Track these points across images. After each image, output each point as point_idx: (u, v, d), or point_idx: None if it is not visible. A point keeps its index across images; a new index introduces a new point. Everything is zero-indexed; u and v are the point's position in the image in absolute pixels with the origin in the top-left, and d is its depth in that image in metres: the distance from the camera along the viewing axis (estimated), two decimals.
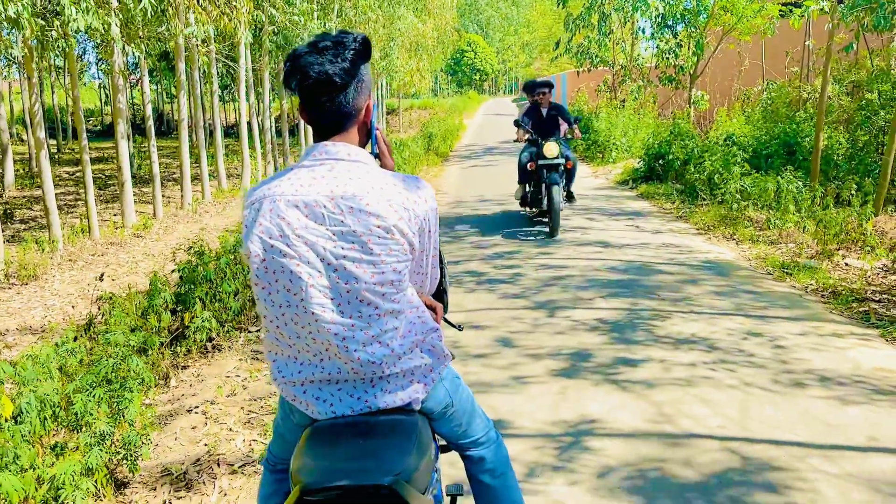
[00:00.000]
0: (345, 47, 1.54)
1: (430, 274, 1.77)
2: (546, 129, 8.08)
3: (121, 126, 9.80)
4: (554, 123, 8.15)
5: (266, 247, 1.55)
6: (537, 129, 8.04)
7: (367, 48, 1.59)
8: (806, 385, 3.74)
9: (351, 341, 1.55)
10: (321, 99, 1.55)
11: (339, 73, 1.53)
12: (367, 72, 1.62)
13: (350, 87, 1.56)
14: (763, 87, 15.40)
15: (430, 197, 1.62)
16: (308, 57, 1.54)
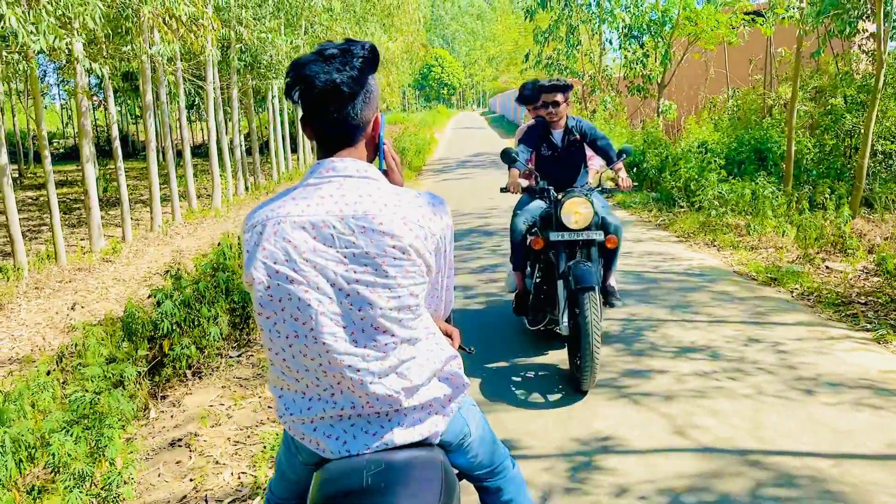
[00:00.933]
0: (352, 55, 1.44)
1: (444, 297, 1.66)
2: (563, 168, 4.57)
3: (86, 148, 9.53)
4: (576, 157, 4.61)
5: (271, 273, 1.43)
6: (547, 170, 4.55)
7: (376, 57, 1.49)
8: (816, 392, 3.69)
9: (366, 373, 1.42)
10: (328, 109, 1.44)
11: (347, 81, 1.42)
12: (376, 83, 1.51)
13: (358, 98, 1.45)
14: (728, 95, 15.64)
15: (446, 213, 1.52)
16: (314, 65, 1.43)
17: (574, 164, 4.59)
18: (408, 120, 40.61)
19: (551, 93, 4.38)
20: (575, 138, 4.49)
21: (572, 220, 3.92)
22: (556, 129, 4.51)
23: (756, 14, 14.12)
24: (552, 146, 4.53)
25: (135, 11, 8.97)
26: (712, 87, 17.56)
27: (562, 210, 3.93)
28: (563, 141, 4.51)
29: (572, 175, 4.58)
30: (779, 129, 11.07)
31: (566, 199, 3.94)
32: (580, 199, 3.92)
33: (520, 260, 4.49)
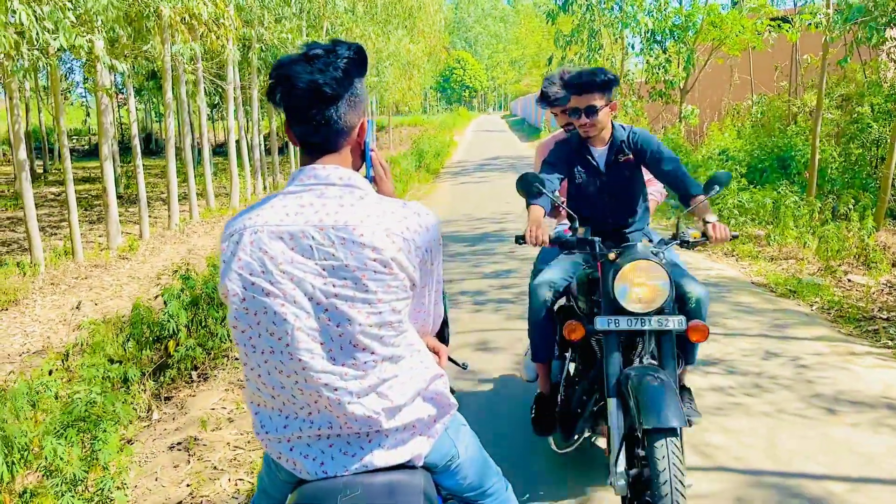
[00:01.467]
0: (337, 56, 1.37)
1: (432, 312, 1.58)
2: (610, 203, 3.10)
3: (105, 146, 9.60)
4: (630, 187, 3.10)
5: (246, 284, 1.36)
6: (585, 207, 3.05)
7: (362, 59, 1.41)
8: (836, 411, 3.56)
9: (344, 393, 1.35)
10: (310, 112, 1.37)
11: (329, 82, 1.35)
12: (362, 86, 1.43)
13: (342, 101, 1.38)
14: (753, 102, 15.40)
15: (432, 224, 1.44)
16: (296, 66, 1.36)
17: (627, 198, 3.04)
18: (428, 122, 40.62)
19: (583, 94, 2.84)
20: (627, 158, 2.97)
21: (634, 298, 2.43)
22: (598, 144, 2.99)
23: (782, 20, 13.89)
24: (592, 170, 3.01)
25: (155, 11, 9.02)
26: (736, 93, 17.30)
27: (616, 280, 2.43)
28: (610, 162, 2.99)
29: (623, 213, 3.05)
30: (803, 137, 10.86)
31: (624, 261, 2.44)
32: (646, 262, 2.42)
33: (543, 348, 3.00)
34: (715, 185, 2.66)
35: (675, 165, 2.90)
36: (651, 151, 2.94)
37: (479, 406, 3.77)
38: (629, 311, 2.43)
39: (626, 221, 3.09)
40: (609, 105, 2.90)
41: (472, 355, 4.60)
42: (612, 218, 3.06)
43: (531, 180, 2.72)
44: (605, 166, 3.02)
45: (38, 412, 3.26)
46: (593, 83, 2.83)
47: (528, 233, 2.68)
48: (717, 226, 2.64)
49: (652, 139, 2.98)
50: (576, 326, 2.60)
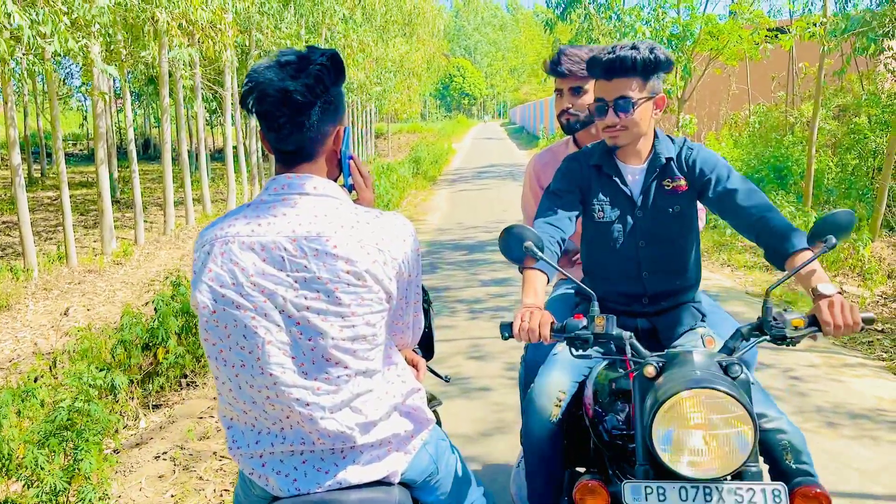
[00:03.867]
0: (309, 62, 1.34)
1: (412, 325, 1.55)
2: (647, 255, 2.02)
3: (100, 150, 9.58)
4: (680, 232, 2.02)
5: (216, 297, 1.33)
6: (610, 262, 2.06)
7: (338, 66, 1.39)
8: (836, 425, 3.52)
9: (316, 408, 1.32)
10: (280, 120, 1.35)
11: (300, 89, 1.32)
12: (339, 94, 1.41)
13: (314, 108, 1.35)
14: (750, 112, 15.43)
15: (409, 235, 1.41)
16: (268, 72, 1.33)
17: (674, 249, 2.04)
18: (426, 129, 40.68)
19: (613, 77, 1.90)
20: (676, 185, 1.99)
21: (690, 454, 1.46)
22: (633, 162, 2.02)
23: (779, 31, 13.93)
24: (621, 202, 2.03)
25: (152, 17, 9.01)
26: (734, 102, 17.34)
27: (657, 420, 1.45)
28: (648, 189, 2.01)
29: (667, 274, 2.04)
30: (800, 148, 10.87)
31: (670, 385, 1.46)
32: (712, 393, 1.43)
33: (548, 495, 2.05)
34: (830, 236, 1.63)
35: (758, 202, 1.86)
36: (717, 178, 1.92)
37: (467, 415, 3.74)
38: (680, 474, 1.45)
39: (671, 288, 2.03)
40: (653, 99, 1.92)
41: (466, 363, 4.57)
42: (648, 282, 2.01)
43: (517, 238, 1.70)
44: (640, 196, 2.00)
45: (23, 420, 3.22)
46: (630, 62, 1.86)
47: (517, 322, 1.64)
48: (836, 303, 1.56)
49: (717, 160, 1.97)
50: (594, 488, 1.64)
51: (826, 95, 11.96)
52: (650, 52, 1.86)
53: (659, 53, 1.88)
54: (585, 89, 2.29)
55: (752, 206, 1.86)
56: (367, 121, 28.39)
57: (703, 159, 1.97)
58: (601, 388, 1.81)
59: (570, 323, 1.62)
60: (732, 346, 1.59)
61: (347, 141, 1.46)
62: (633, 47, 1.87)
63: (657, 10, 16.02)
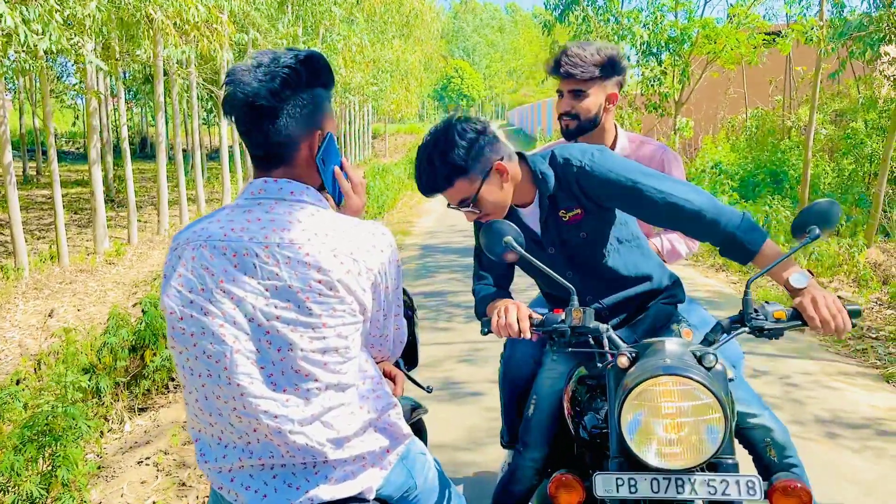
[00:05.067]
0: (279, 65, 1.29)
1: (391, 337, 1.50)
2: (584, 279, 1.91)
3: (93, 149, 9.52)
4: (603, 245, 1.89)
5: (184, 302, 1.29)
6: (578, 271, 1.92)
7: (313, 68, 1.33)
8: (834, 435, 3.47)
9: (285, 420, 1.27)
10: (247, 124, 1.31)
11: (264, 94, 1.28)
12: (314, 97, 1.35)
13: (282, 113, 1.30)
14: (747, 116, 15.42)
15: (387, 245, 1.36)
16: (242, 73, 1.29)
17: (609, 268, 1.91)
18: (424, 130, 40.65)
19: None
20: (574, 215, 1.84)
21: (660, 444, 1.42)
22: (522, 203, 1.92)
23: (776, 34, 13.94)
24: (533, 243, 1.92)
25: (147, 16, 8.96)
26: (731, 106, 17.34)
27: (625, 408, 1.43)
28: (549, 226, 1.88)
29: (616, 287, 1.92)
30: (797, 152, 10.86)
31: (639, 374, 1.44)
32: (677, 379, 1.41)
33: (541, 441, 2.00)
34: (814, 227, 1.55)
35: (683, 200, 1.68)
36: (612, 193, 1.74)
37: (459, 421, 3.69)
38: (652, 465, 1.41)
39: (626, 297, 1.92)
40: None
41: (458, 367, 4.53)
42: (600, 299, 1.92)
43: (497, 234, 1.64)
44: (541, 235, 1.89)
45: (4, 423, 3.16)
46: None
47: (494, 318, 1.63)
48: (818, 296, 1.51)
49: (612, 174, 1.72)
50: (569, 482, 1.60)
51: (823, 100, 11.96)
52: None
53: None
54: (587, 93, 2.18)
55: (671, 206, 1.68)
56: (365, 121, 28.35)
57: (599, 180, 1.74)
58: (580, 387, 1.79)
59: (548, 317, 1.61)
60: (712, 338, 1.57)
61: (331, 147, 1.40)
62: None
63: (655, 13, 16.03)
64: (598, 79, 2.16)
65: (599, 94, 2.19)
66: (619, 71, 2.21)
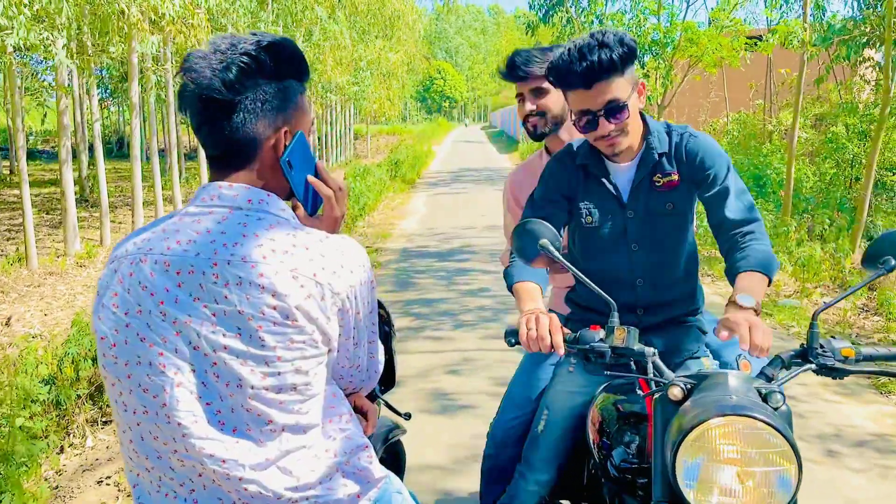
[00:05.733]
0: (236, 51, 1.11)
1: (365, 366, 1.30)
2: (640, 261, 1.82)
3: (63, 148, 9.24)
4: (673, 232, 1.82)
5: (119, 326, 1.10)
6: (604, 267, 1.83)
7: (279, 57, 1.15)
8: (835, 453, 3.34)
9: (234, 465, 1.09)
10: (197, 120, 1.14)
11: (217, 86, 1.09)
12: (279, 90, 1.16)
13: (239, 107, 1.12)
14: (728, 119, 15.45)
15: (358, 265, 1.16)
16: (195, 62, 1.11)
17: (668, 253, 1.83)
18: (406, 131, 40.48)
19: (595, 83, 1.64)
20: (669, 180, 1.77)
21: (718, 500, 1.22)
22: (622, 160, 1.79)
23: (758, 38, 13.98)
24: (609, 204, 1.82)
25: (121, 11, 8.70)
26: (713, 110, 17.38)
27: (682, 450, 1.22)
28: (638, 187, 1.79)
29: (663, 282, 1.83)
30: (779, 156, 10.84)
31: (701, 409, 1.24)
32: (750, 422, 1.20)
33: None
34: (889, 257, 1.46)
35: (746, 214, 1.69)
36: (715, 175, 1.71)
37: (447, 438, 3.53)
38: None
39: (667, 298, 1.83)
40: (636, 89, 1.70)
41: (445, 377, 4.37)
42: (642, 291, 1.81)
43: (531, 236, 1.51)
44: (629, 196, 1.79)
45: None
46: (608, 63, 1.61)
47: (523, 329, 1.47)
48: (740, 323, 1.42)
49: (720, 154, 1.74)
50: None
51: (803, 104, 11.97)
52: (621, 44, 1.63)
53: (629, 41, 1.66)
54: (547, 89, 2.05)
55: (738, 215, 1.69)
56: (346, 122, 28.11)
57: (705, 150, 1.74)
58: (608, 416, 1.60)
59: (584, 333, 1.44)
60: (770, 373, 1.39)
61: (301, 148, 1.20)
62: (600, 45, 1.62)
63: (638, 16, 16.02)
64: None
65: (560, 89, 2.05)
66: None
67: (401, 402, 1.97)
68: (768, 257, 1.59)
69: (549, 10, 16.53)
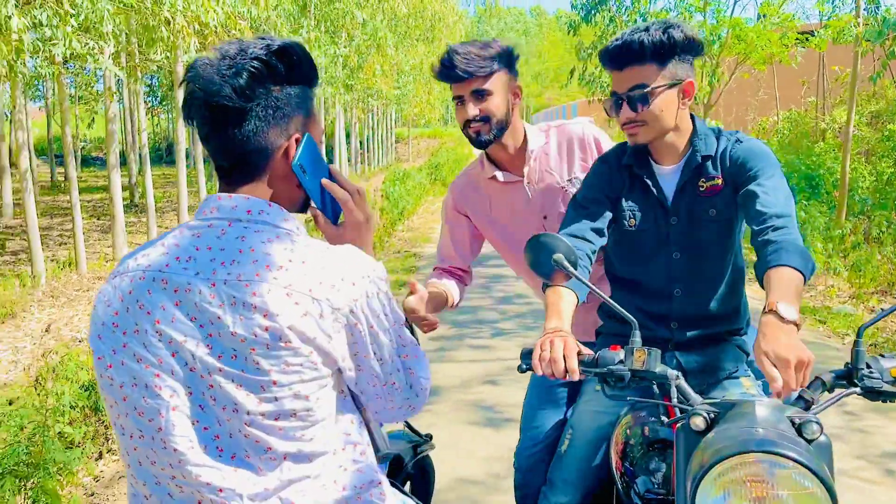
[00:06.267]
0: (246, 57, 1.06)
1: (405, 383, 1.18)
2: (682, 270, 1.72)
3: (112, 154, 9.47)
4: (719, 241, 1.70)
5: (116, 346, 1.06)
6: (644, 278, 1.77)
7: (291, 62, 1.10)
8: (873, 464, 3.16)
9: (232, 495, 1.03)
10: (209, 128, 1.08)
11: (227, 93, 1.04)
12: (290, 96, 1.11)
13: (250, 114, 1.07)
14: (779, 118, 14.97)
15: (361, 276, 1.08)
16: (204, 67, 1.06)
17: (715, 263, 1.72)
18: (447, 134, 40.52)
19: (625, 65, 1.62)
20: (713, 184, 1.68)
21: None
22: (666, 161, 1.72)
23: (809, 34, 13.52)
24: (652, 207, 1.74)
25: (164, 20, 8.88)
26: (762, 108, 16.89)
27: (703, 486, 1.10)
28: (684, 192, 1.71)
29: (705, 294, 1.72)
30: (832, 155, 10.44)
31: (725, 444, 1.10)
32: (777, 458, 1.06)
33: None
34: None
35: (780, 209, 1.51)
36: (754, 174, 1.59)
37: (485, 451, 3.45)
38: None
39: (705, 312, 1.71)
40: (678, 87, 1.62)
41: (485, 388, 4.29)
42: (679, 301, 1.71)
43: (545, 250, 1.45)
44: (673, 200, 1.70)
45: None
46: (638, 46, 1.57)
47: (537, 350, 1.37)
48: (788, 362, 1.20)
49: (767, 156, 1.63)
50: None
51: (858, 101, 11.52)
52: (664, 32, 1.57)
53: (675, 33, 1.57)
54: (489, 90, 1.87)
55: (771, 207, 1.51)
56: (388, 126, 28.29)
57: (750, 150, 1.64)
58: (633, 441, 1.49)
59: (603, 355, 1.33)
60: (810, 398, 1.24)
61: (311, 152, 1.14)
62: (645, 30, 1.59)
63: (683, 13, 15.67)
64: (498, 72, 1.88)
65: (504, 90, 1.91)
66: (514, 61, 1.94)
67: (440, 414, 1.91)
68: (803, 252, 1.42)
69: (591, 9, 16.29)
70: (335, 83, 16.37)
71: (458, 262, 2.15)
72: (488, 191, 2.07)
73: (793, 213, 1.53)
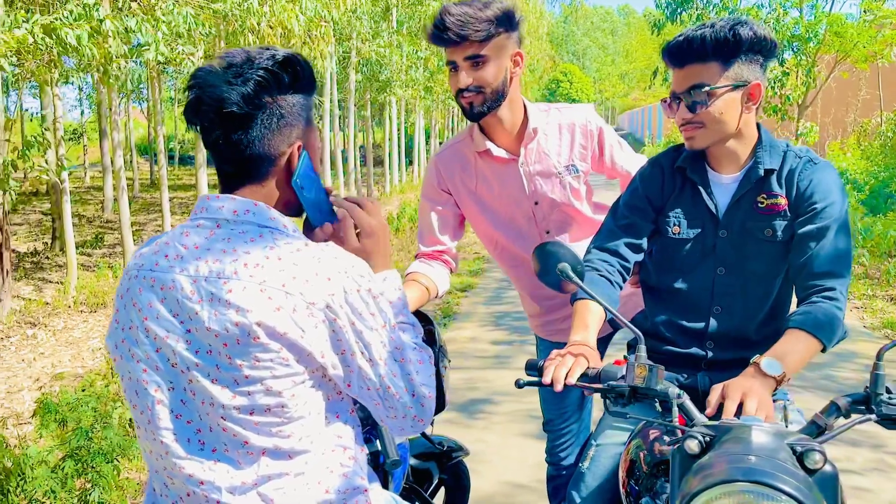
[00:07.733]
0: (252, 65, 1.10)
1: (404, 389, 1.15)
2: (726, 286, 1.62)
3: (199, 153, 9.94)
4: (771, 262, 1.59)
5: (118, 342, 1.15)
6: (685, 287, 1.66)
7: (295, 72, 1.13)
8: None
9: (211, 488, 1.08)
10: (214, 134, 1.12)
11: (235, 100, 1.08)
12: (294, 104, 1.15)
13: (255, 121, 1.11)
14: (882, 119, 14.03)
15: (337, 272, 1.08)
16: (209, 75, 1.11)
17: (762, 287, 1.62)
18: None
19: (685, 63, 1.52)
20: (775, 202, 1.56)
21: None
22: (725, 170, 1.61)
23: None
24: (703, 217, 1.63)
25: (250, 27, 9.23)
26: (863, 109, 15.87)
27: None
28: (740, 206, 1.60)
29: (748, 312, 1.63)
30: None
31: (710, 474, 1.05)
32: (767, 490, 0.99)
33: None
34: None
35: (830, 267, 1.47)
36: (815, 206, 1.51)
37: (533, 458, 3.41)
38: None
39: (743, 335, 1.62)
40: (743, 89, 1.50)
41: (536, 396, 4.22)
42: (718, 320, 1.63)
43: (551, 259, 1.41)
44: (726, 212, 1.60)
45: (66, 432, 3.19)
46: (699, 43, 1.48)
47: (547, 365, 1.35)
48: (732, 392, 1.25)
49: (832, 185, 1.53)
50: None
51: None
52: (729, 29, 1.45)
53: (743, 31, 1.45)
54: (486, 56, 1.71)
55: (825, 265, 1.46)
56: None
57: (820, 181, 1.53)
58: (639, 460, 1.44)
59: (606, 370, 1.31)
60: (823, 424, 1.18)
61: (308, 167, 1.18)
62: (711, 25, 1.48)
63: (777, 9, 14.93)
64: (496, 36, 1.70)
65: (503, 57, 1.74)
66: (516, 24, 1.77)
67: (494, 425, 1.88)
68: (832, 321, 1.38)
69: (676, 7, 15.78)
70: (415, 86, 16.57)
71: (442, 245, 1.96)
72: (477, 166, 1.92)
73: (846, 274, 1.48)
